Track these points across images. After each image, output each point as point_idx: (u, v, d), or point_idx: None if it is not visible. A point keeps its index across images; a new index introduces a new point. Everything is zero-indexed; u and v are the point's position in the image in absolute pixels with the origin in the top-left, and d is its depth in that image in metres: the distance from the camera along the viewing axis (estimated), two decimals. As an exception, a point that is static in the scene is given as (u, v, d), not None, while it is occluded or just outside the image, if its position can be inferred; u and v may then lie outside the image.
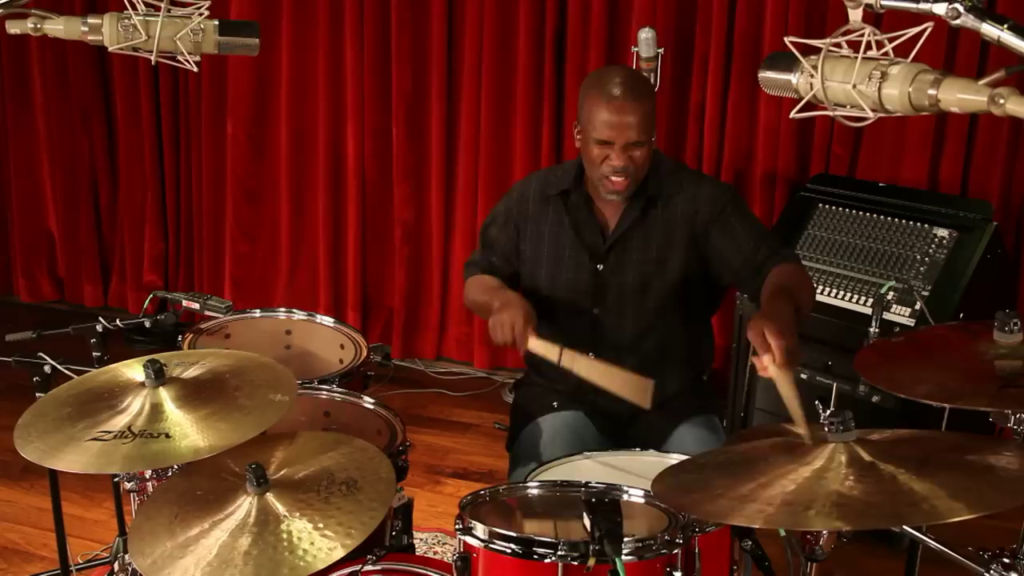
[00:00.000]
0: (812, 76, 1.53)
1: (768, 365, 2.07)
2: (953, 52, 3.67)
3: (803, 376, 3.53)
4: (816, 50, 1.53)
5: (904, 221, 3.52)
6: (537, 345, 2.44)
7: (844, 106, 1.51)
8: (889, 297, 3.26)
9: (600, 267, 2.65)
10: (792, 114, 1.56)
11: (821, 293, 3.50)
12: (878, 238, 3.53)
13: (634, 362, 2.67)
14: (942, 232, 3.44)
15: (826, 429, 1.76)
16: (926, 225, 3.48)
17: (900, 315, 3.31)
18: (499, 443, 4.09)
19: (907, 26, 1.50)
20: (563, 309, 2.70)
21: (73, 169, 5.10)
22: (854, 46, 1.48)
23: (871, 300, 3.38)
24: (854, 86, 1.47)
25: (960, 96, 1.42)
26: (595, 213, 2.66)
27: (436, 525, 3.58)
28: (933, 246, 3.42)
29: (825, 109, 1.56)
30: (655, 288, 2.64)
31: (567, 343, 2.64)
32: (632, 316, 2.66)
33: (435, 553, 3.43)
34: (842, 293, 3.48)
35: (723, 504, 1.60)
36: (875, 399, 3.25)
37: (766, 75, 1.69)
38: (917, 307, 3.29)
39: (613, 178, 2.52)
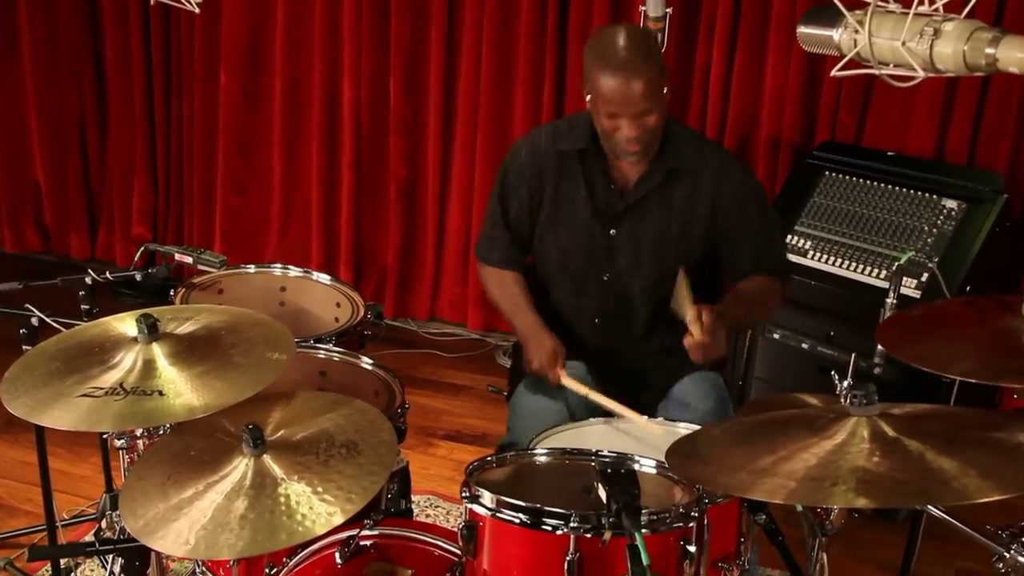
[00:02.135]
0: (857, 32, 1.45)
1: (688, 341, 2.31)
2: (1002, 10, 3.54)
3: (804, 346, 3.48)
4: (861, 5, 1.44)
5: (912, 191, 3.46)
6: (569, 383, 2.52)
7: (890, 65, 1.43)
8: (903, 262, 3.20)
9: (613, 232, 2.58)
10: (834, 72, 1.49)
11: (825, 262, 3.45)
12: (885, 208, 3.47)
13: (639, 329, 2.62)
14: (951, 203, 3.38)
15: (845, 401, 1.70)
16: (935, 196, 3.42)
17: (907, 287, 3.25)
18: (492, 406, 4.08)
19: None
20: (571, 271, 2.64)
21: (61, 118, 4.99)
22: (904, 1, 1.39)
23: (876, 271, 3.34)
24: (903, 43, 1.39)
25: (1021, 56, 1.33)
26: (612, 175, 2.57)
27: (428, 487, 3.55)
28: (941, 217, 3.36)
29: (870, 67, 1.48)
30: (670, 259, 2.56)
31: (572, 306, 2.62)
32: (641, 285, 2.60)
33: (428, 516, 3.39)
34: (847, 263, 3.42)
35: (742, 477, 1.54)
36: (877, 371, 3.20)
37: (805, 30, 1.61)
38: (924, 279, 3.24)
39: (626, 145, 2.45)
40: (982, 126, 3.69)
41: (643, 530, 1.51)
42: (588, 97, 2.49)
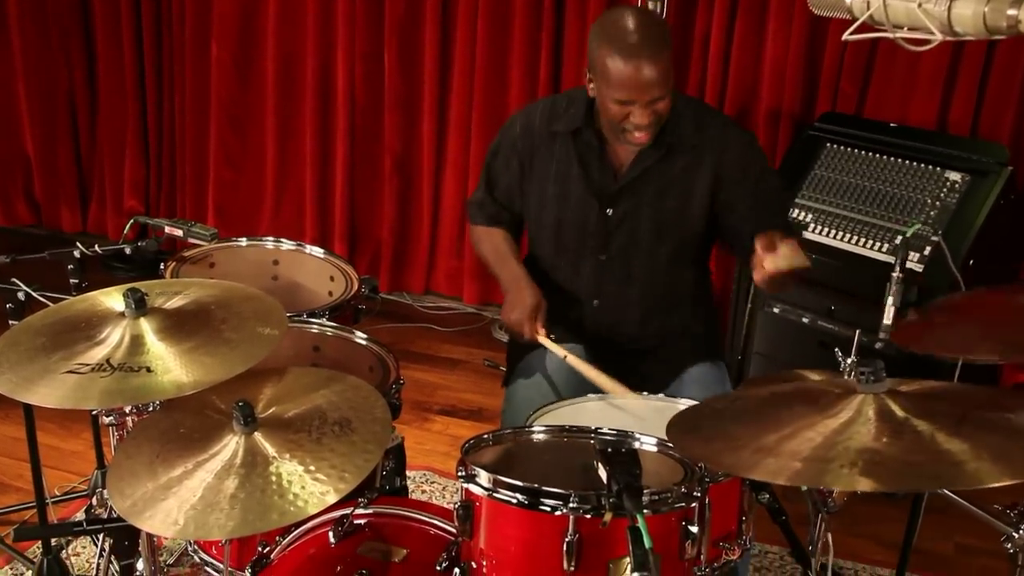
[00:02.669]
0: (872, -6, 1.39)
1: (767, 263, 2.12)
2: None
3: (804, 320, 3.44)
4: (874, -35, 1.39)
5: (915, 163, 3.41)
6: (546, 342, 2.46)
7: (904, 28, 1.37)
8: (910, 235, 3.15)
9: (609, 212, 2.52)
10: (845, 36, 1.43)
11: (826, 235, 3.41)
12: (887, 180, 3.42)
13: (637, 310, 2.58)
14: (954, 176, 3.33)
15: (848, 377, 1.65)
16: (938, 168, 3.37)
17: (910, 261, 3.20)
18: (488, 380, 4.05)
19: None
20: (567, 253, 2.59)
21: (50, 90, 4.92)
22: (918, -40, 1.34)
23: (878, 244, 3.29)
24: (920, 5, 1.33)
25: (1045, 16, 1.28)
26: (607, 154, 2.51)
27: (424, 463, 3.52)
28: (945, 190, 3.31)
29: (883, 31, 1.42)
30: (669, 238, 2.51)
31: (570, 288, 2.60)
32: (640, 265, 2.55)
33: (423, 492, 3.36)
34: (848, 236, 3.37)
35: (745, 456, 1.50)
36: (878, 345, 3.16)
37: (816, -8, 1.55)
38: (927, 252, 3.19)
39: (636, 134, 2.37)
40: (986, 97, 3.64)
41: (644, 511, 1.46)
42: (591, 84, 2.41)
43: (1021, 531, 1.75)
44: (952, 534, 3.25)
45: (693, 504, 1.63)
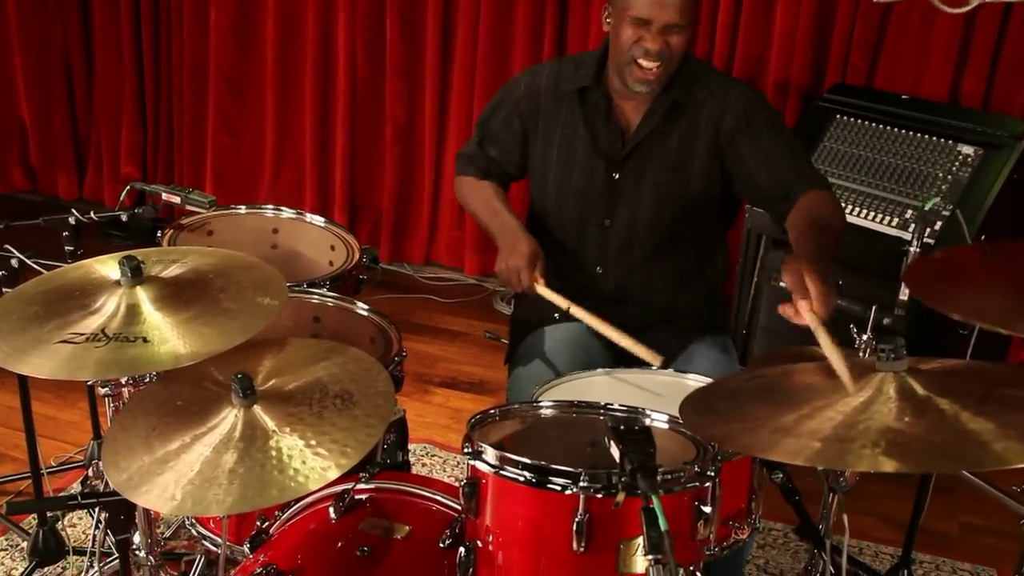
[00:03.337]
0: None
1: (805, 312, 1.85)
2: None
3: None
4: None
5: (927, 136, 3.35)
6: (546, 292, 2.35)
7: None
8: (928, 208, 3.09)
9: (616, 176, 2.46)
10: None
11: (835, 209, 3.34)
12: (898, 153, 3.36)
13: (643, 278, 2.52)
14: (967, 149, 3.28)
15: (863, 354, 1.60)
16: (950, 141, 3.31)
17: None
18: (489, 352, 4.01)
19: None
20: (572, 219, 2.52)
21: (46, 55, 4.85)
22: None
23: (888, 219, 3.24)
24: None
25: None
26: (615, 115, 2.44)
27: (424, 436, 3.48)
28: (957, 163, 3.25)
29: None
30: (672, 201, 2.45)
31: (574, 255, 2.53)
32: (645, 230, 2.48)
33: (424, 466, 3.32)
34: (857, 210, 3.31)
35: (763, 436, 1.45)
36: (886, 322, 3.12)
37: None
38: (937, 227, 3.14)
39: (643, 62, 2.30)
40: (999, 68, 3.58)
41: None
42: (607, 13, 2.36)
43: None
44: (957, 513, 3.22)
45: (707, 484, 1.58)
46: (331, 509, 1.89)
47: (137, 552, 2.03)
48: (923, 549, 3.02)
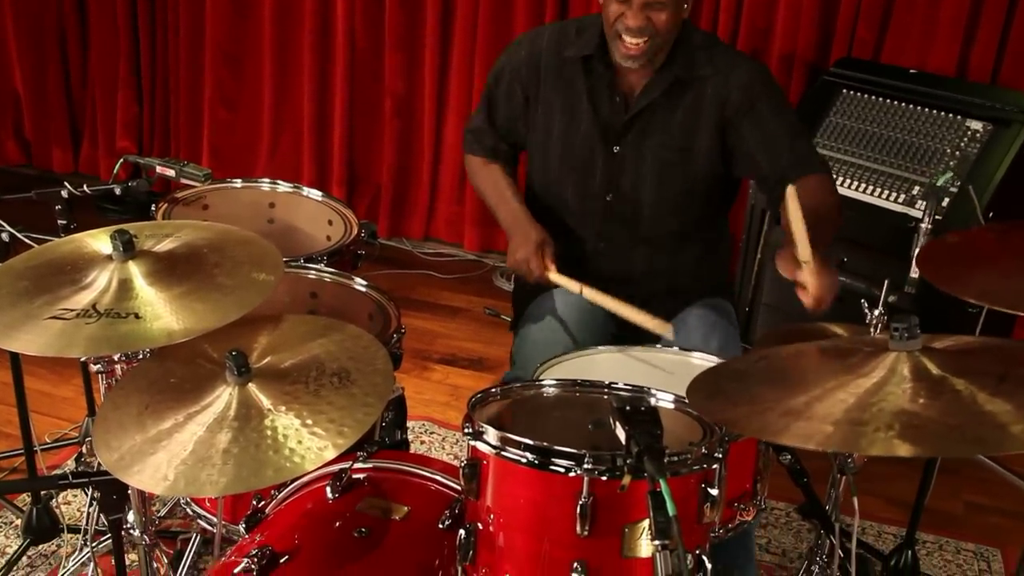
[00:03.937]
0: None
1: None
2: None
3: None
4: None
5: (934, 111, 3.30)
6: (559, 278, 2.35)
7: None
8: (940, 184, 3.04)
9: (616, 148, 2.41)
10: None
11: (840, 185, 3.29)
12: (906, 128, 3.31)
13: (643, 252, 2.48)
14: (975, 125, 3.22)
15: (874, 331, 1.56)
16: (958, 116, 3.26)
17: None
18: (489, 329, 3.97)
19: None
20: (572, 193, 2.48)
21: (39, 26, 4.78)
22: None
23: (894, 195, 3.19)
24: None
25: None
26: (618, 85, 2.39)
27: (423, 413, 3.45)
28: (965, 139, 3.20)
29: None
30: (674, 178, 2.41)
31: (574, 228, 2.50)
32: (647, 206, 2.44)
33: (422, 443, 3.29)
34: (864, 186, 3.26)
35: (773, 420, 1.40)
36: (892, 299, 3.07)
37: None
38: (945, 203, 3.09)
39: (626, 39, 2.26)
40: (1009, 42, 3.53)
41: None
42: None
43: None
44: (961, 492, 3.19)
45: (714, 466, 1.54)
46: (328, 488, 1.86)
47: (131, 531, 1.99)
48: (927, 529, 2.99)
